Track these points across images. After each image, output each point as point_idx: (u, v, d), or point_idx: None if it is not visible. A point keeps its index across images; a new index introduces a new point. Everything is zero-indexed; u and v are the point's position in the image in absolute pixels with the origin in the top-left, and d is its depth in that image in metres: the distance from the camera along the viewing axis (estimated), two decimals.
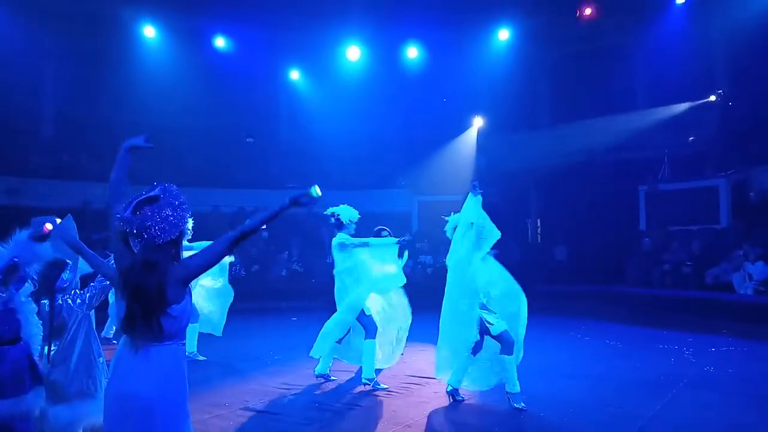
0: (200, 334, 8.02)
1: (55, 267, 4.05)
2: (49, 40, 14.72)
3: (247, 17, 16.65)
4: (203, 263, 2.65)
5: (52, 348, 3.91)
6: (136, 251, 2.66)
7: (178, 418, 2.60)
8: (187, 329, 2.74)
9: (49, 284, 4.01)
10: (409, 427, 5.17)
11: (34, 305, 3.87)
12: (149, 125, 16.39)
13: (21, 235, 3.69)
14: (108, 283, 3.93)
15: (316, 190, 2.80)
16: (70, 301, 4.06)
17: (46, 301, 3.99)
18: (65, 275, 4.11)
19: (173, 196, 2.66)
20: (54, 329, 3.92)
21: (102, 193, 2.98)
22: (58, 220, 4.03)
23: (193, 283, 2.81)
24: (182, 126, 16.58)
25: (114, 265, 2.90)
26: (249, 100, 17.51)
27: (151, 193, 2.65)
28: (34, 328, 3.77)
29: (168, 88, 16.17)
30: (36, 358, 3.77)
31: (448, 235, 6.01)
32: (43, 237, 3.76)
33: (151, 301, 2.52)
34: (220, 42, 17.41)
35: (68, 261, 4.14)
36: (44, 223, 3.77)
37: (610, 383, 6.55)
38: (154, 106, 15.76)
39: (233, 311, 8.11)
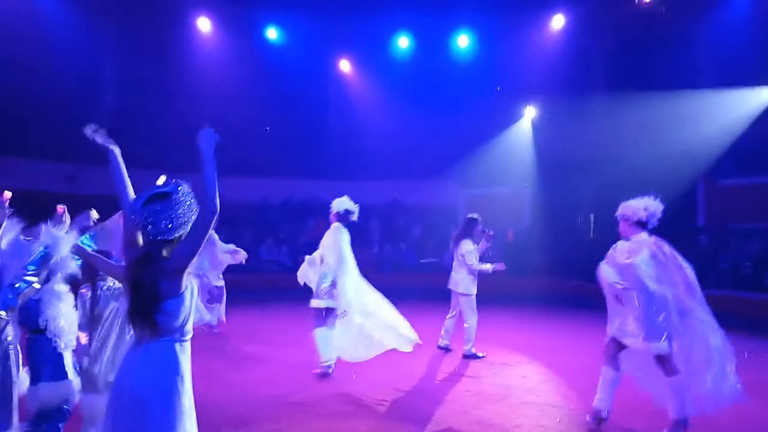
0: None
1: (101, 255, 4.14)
2: (108, 32, 15.23)
3: (298, 8, 16.78)
4: (190, 248, 2.59)
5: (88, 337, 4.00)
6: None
7: (169, 416, 2.56)
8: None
9: (91, 273, 4.10)
10: (436, 423, 5.11)
11: (70, 294, 3.99)
12: (201, 115, 16.72)
13: (48, 226, 3.80)
14: None
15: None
16: (108, 292, 4.12)
17: (85, 291, 4.09)
18: None
19: (185, 195, 2.66)
20: (92, 319, 4.03)
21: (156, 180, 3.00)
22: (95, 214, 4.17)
23: None
24: (233, 116, 16.85)
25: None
26: (299, 90, 17.65)
27: (163, 189, 2.66)
28: (65, 319, 3.88)
29: (220, 78, 16.52)
30: (63, 348, 3.87)
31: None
32: (61, 220, 3.87)
33: (145, 296, 2.53)
34: (272, 33, 17.62)
35: (113, 252, 4.23)
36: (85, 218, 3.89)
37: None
38: (207, 96, 16.10)
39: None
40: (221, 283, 9.00)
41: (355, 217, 6.77)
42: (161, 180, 3.88)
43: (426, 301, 10.66)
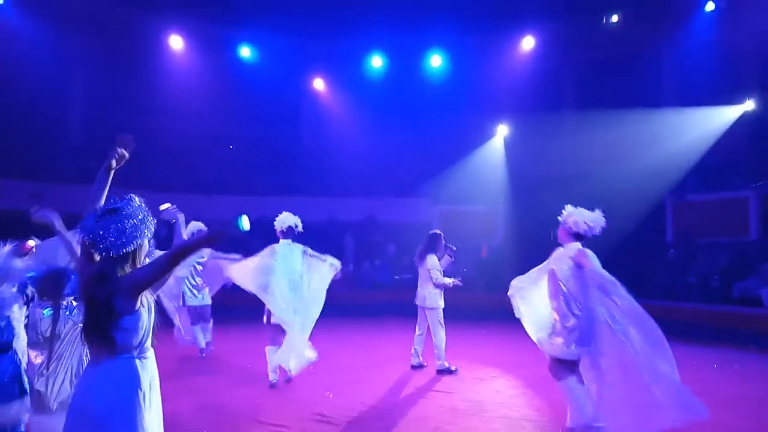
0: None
1: (63, 275, 4.06)
2: (78, 48, 15.07)
3: (272, 27, 16.85)
4: (149, 276, 2.58)
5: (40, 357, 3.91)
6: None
7: None
8: None
9: (55, 292, 4.02)
10: None
11: (23, 315, 3.91)
12: (174, 133, 16.66)
13: (2, 250, 3.72)
14: None
15: (244, 223, 2.77)
16: (68, 312, 4.04)
17: (42, 309, 4.00)
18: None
19: (135, 209, 2.64)
20: (49, 338, 3.93)
21: None
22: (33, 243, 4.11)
23: None
24: (206, 134, 16.83)
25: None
26: (272, 108, 17.68)
27: (114, 205, 2.64)
28: (21, 338, 3.81)
29: (193, 96, 16.45)
30: (23, 366, 3.80)
31: None
32: (25, 253, 3.79)
33: (100, 312, 2.49)
34: (245, 51, 17.63)
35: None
36: (27, 241, 3.82)
37: None
38: (179, 114, 16.03)
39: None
40: (209, 302, 8.77)
41: (300, 229, 6.98)
42: (165, 206, 3.88)
43: (401, 317, 10.63)
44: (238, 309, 12.46)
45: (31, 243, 3.88)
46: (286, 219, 6.96)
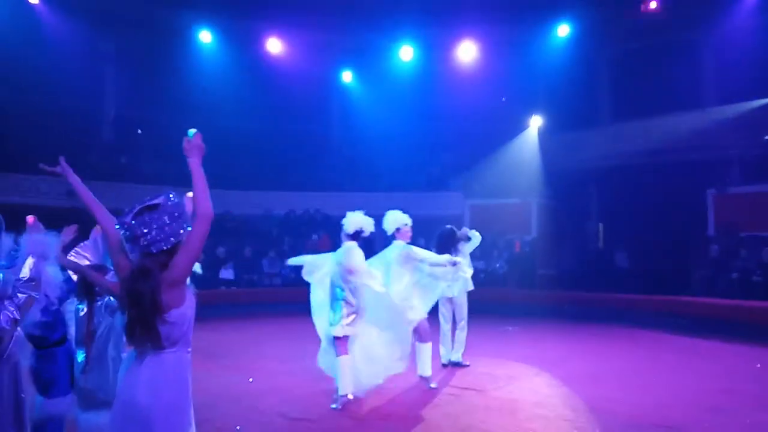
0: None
1: (96, 271, 4.05)
2: (110, 45, 15.32)
3: (301, 20, 16.80)
4: (189, 263, 2.57)
5: (84, 353, 3.92)
6: (132, 259, 2.64)
7: (177, 427, 2.54)
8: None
9: (87, 289, 4.02)
10: None
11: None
12: (203, 128, 16.71)
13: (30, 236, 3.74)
14: None
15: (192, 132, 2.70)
16: (102, 308, 4.04)
17: (80, 306, 4.01)
18: None
19: (174, 207, 2.62)
20: (86, 335, 3.94)
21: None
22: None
23: None
24: (235, 129, 16.89)
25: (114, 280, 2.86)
26: (301, 102, 17.65)
27: (153, 201, 2.61)
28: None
29: (223, 91, 16.55)
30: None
31: None
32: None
33: (146, 308, 2.47)
34: (273, 45, 17.63)
35: (109, 267, 4.14)
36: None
37: (663, 401, 6.10)
38: (209, 109, 16.09)
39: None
40: None
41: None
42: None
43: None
44: (252, 305, 12.62)
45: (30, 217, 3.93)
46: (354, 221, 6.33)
